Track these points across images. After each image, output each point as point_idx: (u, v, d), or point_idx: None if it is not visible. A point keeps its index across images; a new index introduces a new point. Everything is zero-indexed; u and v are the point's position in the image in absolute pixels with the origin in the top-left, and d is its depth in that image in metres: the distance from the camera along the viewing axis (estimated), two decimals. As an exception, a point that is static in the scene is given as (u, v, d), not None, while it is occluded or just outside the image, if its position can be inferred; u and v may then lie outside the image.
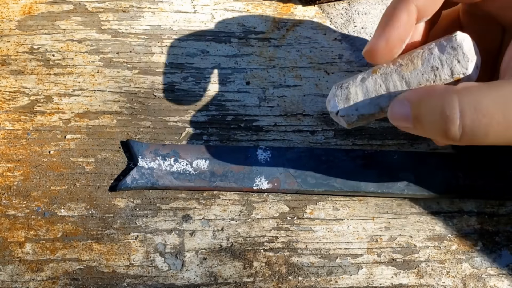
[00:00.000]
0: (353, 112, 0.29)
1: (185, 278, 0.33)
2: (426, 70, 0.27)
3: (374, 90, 0.28)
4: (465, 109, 0.24)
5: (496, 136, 0.24)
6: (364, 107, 0.29)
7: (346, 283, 0.34)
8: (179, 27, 0.39)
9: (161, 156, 0.35)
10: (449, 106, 0.24)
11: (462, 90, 0.24)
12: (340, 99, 0.29)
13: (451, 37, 0.27)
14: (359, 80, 0.29)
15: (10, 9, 0.39)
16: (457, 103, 0.24)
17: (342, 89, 0.29)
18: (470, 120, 0.24)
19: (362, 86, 0.29)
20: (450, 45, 0.27)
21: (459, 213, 0.35)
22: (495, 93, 0.24)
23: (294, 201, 0.35)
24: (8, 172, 0.35)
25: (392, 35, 0.26)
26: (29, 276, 0.33)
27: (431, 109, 0.25)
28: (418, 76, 0.27)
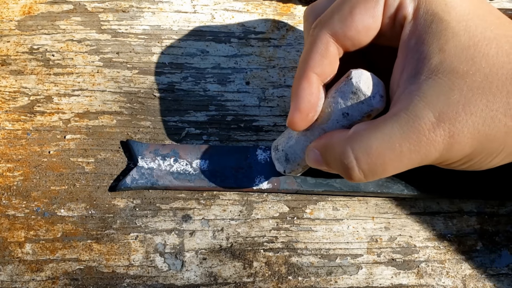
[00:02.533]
0: (297, 167, 0.32)
1: (185, 278, 0.33)
2: (339, 118, 0.29)
3: (305, 146, 0.31)
4: (358, 156, 0.26)
5: (394, 169, 0.27)
6: (303, 161, 0.32)
7: (346, 283, 0.34)
8: (179, 27, 0.39)
9: (161, 156, 0.35)
10: (345, 156, 0.27)
11: (353, 137, 0.27)
12: (281, 160, 0.33)
13: (348, 81, 0.28)
14: (289, 140, 0.32)
15: (10, 9, 0.39)
16: (350, 152, 0.27)
17: (279, 152, 0.33)
18: (365, 164, 0.26)
19: (295, 145, 0.31)
20: (349, 90, 0.28)
21: (459, 213, 0.35)
22: (381, 134, 0.26)
23: (294, 201, 0.35)
24: (8, 172, 0.35)
25: (302, 106, 0.29)
26: (29, 276, 0.33)
27: (334, 159, 0.28)
28: (334, 124, 0.29)
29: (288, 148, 0.32)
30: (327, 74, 0.29)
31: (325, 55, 0.29)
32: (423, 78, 0.26)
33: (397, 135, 0.26)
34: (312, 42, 0.29)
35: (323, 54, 0.29)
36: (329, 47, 0.28)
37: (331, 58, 0.29)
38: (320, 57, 0.29)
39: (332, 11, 0.29)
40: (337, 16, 0.28)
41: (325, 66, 0.29)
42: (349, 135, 0.27)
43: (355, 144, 0.27)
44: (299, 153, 0.31)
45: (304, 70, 0.29)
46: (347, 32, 0.28)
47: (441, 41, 0.26)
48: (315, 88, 0.29)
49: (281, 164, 0.33)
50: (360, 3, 0.28)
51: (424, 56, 0.26)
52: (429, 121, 0.25)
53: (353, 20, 0.28)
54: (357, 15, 0.28)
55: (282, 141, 0.33)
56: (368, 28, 0.28)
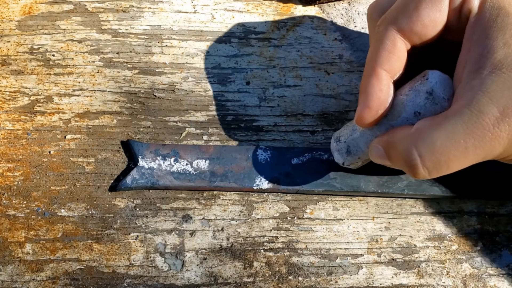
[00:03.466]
0: (357, 160, 0.32)
1: (185, 278, 0.33)
2: (410, 116, 0.29)
3: (370, 140, 0.30)
4: (422, 154, 0.26)
5: (459, 165, 0.27)
6: (364, 155, 0.31)
7: (346, 283, 0.34)
8: (179, 27, 0.39)
9: (161, 156, 0.35)
10: (409, 154, 0.27)
11: (416, 135, 0.27)
12: (342, 152, 0.32)
13: (424, 81, 0.28)
14: (353, 133, 0.32)
15: (10, 9, 0.39)
16: (414, 150, 0.27)
17: (341, 143, 0.32)
18: (430, 162, 0.26)
19: (358, 138, 0.31)
20: (425, 90, 0.28)
21: (459, 213, 0.35)
22: (444, 131, 0.26)
23: (294, 201, 0.35)
24: (8, 172, 0.35)
25: (371, 103, 0.29)
26: (29, 276, 0.33)
27: (398, 155, 0.28)
28: (404, 122, 0.29)
29: (351, 141, 0.32)
30: (396, 70, 0.29)
31: (392, 51, 0.29)
32: (486, 72, 0.26)
33: (461, 131, 0.25)
34: (379, 39, 0.29)
35: (391, 50, 0.28)
36: (397, 43, 0.28)
37: (399, 54, 0.29)
38: (387, 53, 0.29)
39: (397, 7, 0.28)
40: (403, 11, 0.28)
41: (394, 62, 0.29)
42: (412, 132, 0.27)
43: (419, 142, 0.26)
44: (362, 146, 0.31)
45: (373, 66, 0.29)
46: (413, 28, 0.28)
47: (507, 35, 0.26)
48: (384, 85, 0.29)
49: (341, 156, 0.32)
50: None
51: (487, 50, 0.26)
52: (493, 116, 0.25)
53: (419, 15, 0.28)
54: (423, 9, 0.28)
55: (345, 132, 0.32)
56: (434, 22, 0.28)
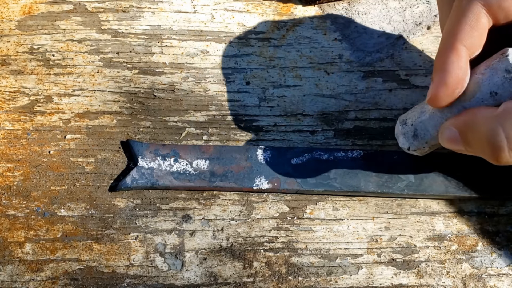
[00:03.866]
0: (424, 145, 0.30)
1: (185, 278, 0.33)
2: (485, 97, 0.27)
3: (440, 123, 0.29)
4: (511, 135, 0.24)
5: None
6: (432, 139, 0.30)
7: (346, 283, 0.34)
8: (179, 27, 0.39)
9: (161, 156, 0.35)
10: (494, 135, 0.25)
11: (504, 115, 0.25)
12: (408, 135, 0.31)
13: (503, 59, 0.26)
14: (422, 115, 0.30)
15: (10, 9, 0.39)
16: (501, 130, 0.24)
17: (407, 126, 0.31)
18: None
19: (427, 121, 0.29)
20: (503, 67, 0.26)
21: (459, 213, 0.35)
22: None
23: (294, 201, 0.35)
24: (8, 172, 0.35)
25: (449, 80, 0.27)
26: (29, 276, 0.33)
27: (478, 137, 0.26)
28: (478, 103, 0.27)
29: (419, 123, 0.30)
30: (475, 47, 0.27)
31: (475, 27, 0.26)
32: None
33: None
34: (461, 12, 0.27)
35: (473, 25, 0.26)
36: (481, 18, 0.26)
37: (481, 31, 0.27)
38: (470, 28, 0.26)
39: None
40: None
41: (475, 39, 0.27)
42: (499, 112, 0.25)
43: (507, 123, 0.24)
44: (431, 130, 0.29)
45: (452, 42, 0.27)
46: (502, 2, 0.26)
47: None
48: (464, 62, 0.27)
49: (407, 140, 0.31)
50: None
51: None
52: None
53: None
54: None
55: (412, 115, 0.31)
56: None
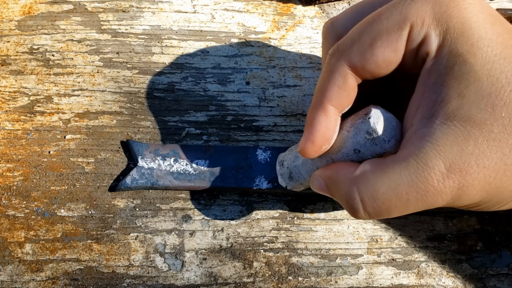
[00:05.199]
0: (299, 186, 0.32)
1: (185, 278, 0.33)
2: (349, 153, 0.28)
3: (311, 169, 0.30)
4: (364, 199, 0.26)
5: (399, 213, 0.26)
6: (306, 182, 0.31)
7: (346, 283, 0.34)
8: (179, 27, 0.39)
9: (161, 156, 0.35)
10: (351, 197, 0.26)
11: (360, 179, 0.26)
12: (284, 176, 0.32)
13: (365, 121, 0.27)
14: (296, 160, 0.31)
15: (10, 9, 0.39)
16: (356, 194, 0.26)
17: (284, 167, 0.32)
18: (370, 207, 0.26)
19: (300, 166, 0.31)
20: (365, 129, 0.27)
21: (459, 213, 0.35)
22: (388, 179, 0.25)
23: (294, 201, 0.35)
24: (8, 172, 0.35)
25: (316, 138, 0.28)
26: (29, 276, 0.33)
27: (339, 194, 0.28)
28: (344, 157, 0.29)
29: (293, 167, 0.32)
30: (344, 105, 0.28)
31: (342, 87, 0.27)
32: (438, 122, 0.25)
33: (405, 183, 0.25)
34: (329, 72, 0.28)
35: (341, 86, 0.27)
36: (347, 79, 0.27)
37: (349, 90, 0.28)
38: (337, 88, 0.28)
39: (351, 40, 0.27)
40: (357, 47, 0.27)
41: (343, 98, 0.28)
42: (356, 175, 0.27)
43: (362, 187, 0.26)
44: (304, 174, 0.31)
45: (321, 101, 0.28)
46: (366, 66, 0.27)
47: (462, 85, 0.24)
48: (331, 122, 0.28)
49: (284, 180, 0.32)
50: (382, 35, 0.26)
51: (441, 98, 0.25)
52: (439, 172, 0.24)
53: (373, 54, 0.26)
54: (378, 48, 0.26)
55: (288, 157, 0.32)
56: (389, 62, 0.27)
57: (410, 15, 0.26)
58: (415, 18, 0.26)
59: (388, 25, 0.26)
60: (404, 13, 0.26)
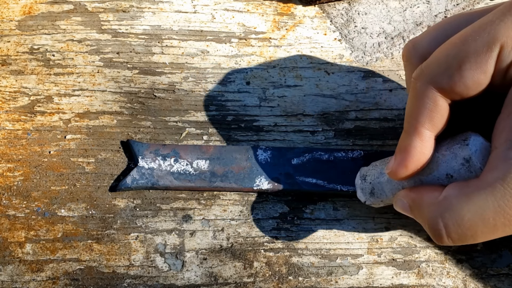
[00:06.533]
0: (379, 202, 0.32)
1: (185, 278, 0.33)
2: (441, 176, 0.28)
3: (396, 188, 0.30)
4: (449, 226, 0.26)
5: (485, 239, 0.26)
6: (388, 200, 0.31)
7: (346, 283, 0.34)
8: (179, 27, 0.39)
9: (161, 156, 0.35)
10: (434, 223, 0.26)
11: (444, 205, 0.26)
12: (365, 191, 0.32)
13: (463, 146, 0.27)
14: (381, 177, 0.31)
15: (10, 9, 0.39)
16: (440, 220, 0.26)
17: (366, 182, 0.32)
18: (455, 234, 0.26)
19: (385, 183, 0.31)
20: (462, 155, 0.27)
21: (459, 213, 0.35)
22: (474, 206, 0.25)
23: (294, 201, 0.35)
24: (8, 172, 0.35)
25: (409, 163, 0.28)
26: (29, 276, 0.33)
27: (422, 219, 0.27)
28: (434, 181, 0.28)
29: (377, 184, 0.31)
30: (439, 127, 0.28)
31: (435, 110, 0.27)
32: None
33: (491, 209, 0.24)
34: (418, 97, 0.27)
35: (433, 109, 0.27)
36: (437, 101, 0.27)
37: (441, 112, 0.27)
38: (429, 112, 0.27)
39: (438, 64, 0.27)
40: (444, 70, 0.26)
41: (436, 120, 0.27)
42: (441, 200, 0.26)
43: (446, 213, 0.26)
44: (387, 192, 0.31)
45: (415, 126, 0.28)
46: (455, 88, 0.26)
47: None
48: (427, 147, 0.28)
49: (364, 195, 0.32)
50: (470, 57, 0.25)
51: None
52: None
53: (462, 76, 0.26)
54: (467, 70, 0.26)
55: (372, 173, 0.32)
56: (478, 84, 0.26)
57: (500, 35, 0.25)
58: (506, 38, 0.25)
59: (477, 46, 0.25)
60: (493, 33, 0.25)
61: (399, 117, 0.37)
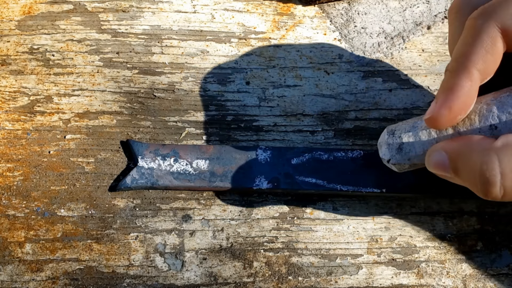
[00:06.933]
0: (405, 161, 0.29)
1: (185, 278, 0.33)
2: (484, 128, 0.26)
3: (428, 143, 0.27)
4: (506, 172, 0.23)
5: None
6: (416, 158, 0.28)
7: (346, 283, 0.34)
8: (179, 27, 0.39)
9: (161, 156, 0.35)
10: (489, 168, 0.23)
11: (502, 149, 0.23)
12: (392, 147, 0.29)
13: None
14: (413, 130, 0.28)
15: (10, 9, 0.39)
16: (497, 164, 0.23)
17: (394, 137, 0.29)
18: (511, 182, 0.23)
19: (415, 137, 0.28)
20: (511, 103, 0.25)
21: (459, 213, 0.35)
22: None
23: (294, 201, 0.35)
24: (8, 172, 0.35)
25: (455, 104, 0.25)
26: (29, 276, 0.33)
27: (470, 167, 0.24)
28: (475, 133, 0.26)
29: (407, 138, 0.28)
30: (488, 73, 0.25)
31: (490, 51, 0.25)
32: None
33: None
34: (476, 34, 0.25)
35: (489, 49, 0.25)
36: (496, 43, 0.25)
37: (496, 56, 0.25)
38: (485, 52, 0.25)
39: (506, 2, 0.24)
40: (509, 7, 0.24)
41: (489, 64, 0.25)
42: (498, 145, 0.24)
43: (505, 157, 0.23)
44: (417, 148, 0.28)
45: (466, 65, 0.25)
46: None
47: None
48: (474, 88, 0.25)
49: (390, 152, 0.29)
50: None
51: None
52: None
53: None
54: None
55: (402, 127, 0.29)
56: None
57: None
58: None
59: None
60: None
61: (398, 117, 0.37)
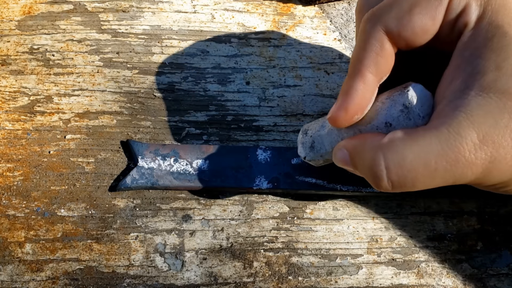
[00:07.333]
0: (319, 158, 0.31)
1: (185, 278, 0.33)
2: (380, 125, 0.27)
3: (335, 141, 0.29)
4: (390, 167, 0.25)
5: (424, 186, 0.25)
6: (327, 154, 0.30)
7: (346, 283, 0.34)
8: (179, 27, 0.39)
9: (161, 156, 0.35)
10: (376, 164, 0.25)
11: (387, 145, 0.25)
12: (306, 146, 0.31)
13: (403, 93, 0.27)
14: (321, 129, 0.30)
15: (10, 9, 0.39)
16: (382, 161, 0.25)
17: (307, 136, 0.31)
18: (396, 176, 0.25)
19: (324, 136, 0.30)
20: (401, 102, 0.27)
21: (459, 213, 0.35)
22: (417, 147, 0.24)
23: (294, 201, 0.35)
24: (8, 172, 0.35)
25: (350, 106, 0.27)
26: (29, 276, 0.33)
27: (363, 163, 0.26)
28: (373, 130, 0.28)
29: (317, 137, 0.30)
30: (383, 73, 0.27)
31: (380, 54, 0.27)
32: (473, 94, 0.24)
33: (435, 152, 0.24)
34: (365, 39, 0.27)
35: (378, 52, 0.27)
36: (384, 45, 0.27)
37: (387, 57, 0.27)
38: (375, 55, 0.27)
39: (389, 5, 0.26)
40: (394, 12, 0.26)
41: (381, 65, 0.27)
42: (384, 142, 0.26)
43: (389, 153, 0.25)
44: (327, 145, 0.30)
45: (359, 69, 0.27)
46: (402, 32, 0.26)
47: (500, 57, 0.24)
48: (368, 91, 0.27)
49: (304, 150, 0.31)
50: (422, 2, 0.26)
51: (478, 70, 0.24)
52: (472, 142, 0.24)
53: (411, 20, 0.26)
54: (416, 14, 0.26)
55: (313, 127, 0.31)
56: (425, 30, 0.26)
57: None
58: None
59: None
60: None
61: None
